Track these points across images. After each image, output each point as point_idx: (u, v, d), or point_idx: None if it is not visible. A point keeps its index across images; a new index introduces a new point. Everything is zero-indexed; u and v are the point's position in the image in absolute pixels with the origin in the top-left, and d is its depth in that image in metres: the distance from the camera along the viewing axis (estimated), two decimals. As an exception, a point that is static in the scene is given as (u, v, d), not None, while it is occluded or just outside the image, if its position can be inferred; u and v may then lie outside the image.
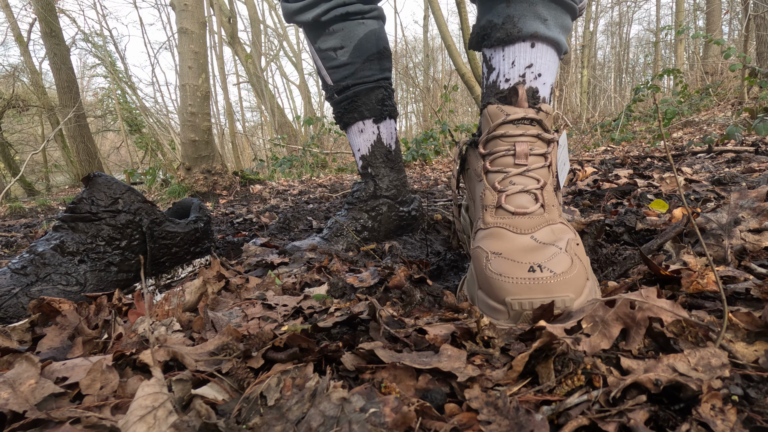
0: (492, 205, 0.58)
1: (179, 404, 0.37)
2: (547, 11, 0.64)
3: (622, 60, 14.46)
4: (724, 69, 6.72)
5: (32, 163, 11.40)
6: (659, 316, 0.41)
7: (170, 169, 4.71)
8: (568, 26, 0.68)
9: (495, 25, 0.66)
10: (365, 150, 1.08)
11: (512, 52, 0.65)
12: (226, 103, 7.19)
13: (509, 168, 0.58)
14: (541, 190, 0.57)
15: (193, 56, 3.50)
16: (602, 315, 0.43)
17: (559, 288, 0.47)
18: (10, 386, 0.37)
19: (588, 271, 0.52)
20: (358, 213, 1.08)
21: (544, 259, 0.50)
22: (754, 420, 0.31)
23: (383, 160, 1.09)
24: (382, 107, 1.06)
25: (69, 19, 10.41)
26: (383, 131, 1.07)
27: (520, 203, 0.56)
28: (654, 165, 2.16)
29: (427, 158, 5.00)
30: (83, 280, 0.69)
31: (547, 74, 0.67)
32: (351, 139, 1.09)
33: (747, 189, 0.76)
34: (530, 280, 0.48)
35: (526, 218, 0.55)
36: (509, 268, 0.50)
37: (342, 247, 1.03)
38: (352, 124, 1.06)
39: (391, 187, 1.09)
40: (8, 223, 2.95)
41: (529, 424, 0.31)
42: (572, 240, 0.54)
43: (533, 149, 0.58)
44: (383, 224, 1.09)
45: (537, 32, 0.63)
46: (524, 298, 0.47)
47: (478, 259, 0.54)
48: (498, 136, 0.59)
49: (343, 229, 1.05)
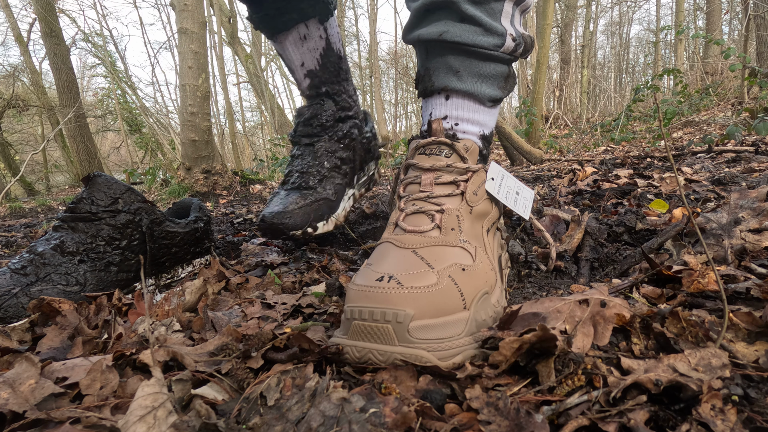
0: (392, 223, 0.57)
1: (179, 404, 0.37)
2: (459, 62, 0.63)
3: (622, 60, 14.47)
4: (724, 69, 6.72)
5: (32, 163, 11.40)
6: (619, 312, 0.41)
7: (170, 169, 4.71)
8: (488, 73, 0.65)
9: (420, 76, 0.69)
10: (312, 63, 0.83)
11: (430, 104, 0.68)
12: (226, 103, 7.19)
13: (415, 193, 0.59)
14: (440, 213, 0.55)
15: (193, 56, 3.50)
16: (580, 315, 0.44)
17: (398, 300, 0.42)
18: (10, 386, 0.37)
19: (470, 300, 0.46)
20: (329, 144, 0.85)
21: (403, 271, 0.46)
22: (754, 420, 0.31)
23: (337, 71, 0.85)
24: (326, 1, 0.81)
25: (69, 19, 10.41)
26: (332, 33, 0.84)
27: (415, 222, 0.56)
28: (654, 165, 2.17)
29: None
30: (83, 280, 0.69)
31: (466, 124, 0.66)
32: (288, 51, 0.84)
33: (747, 189, 0.76)
34: (371, 288, 0.44)
35: (416, 236, 0.53)
36: (365, 277, 0.47)
37: (330, 191, 0.82)
38: (289, 28, 0.80)
39: (353, 104, 0.89)
40: (8, 223, 2.95)
41: (528, 425, 0.31)
42: (457, 265, 0.49)
43: (439, 178, 0.58)
44: (357, 153, 0.89)
45: (447, 86, 0.64)
46: (356, 306, 0.43)
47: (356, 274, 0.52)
48: (411, 165, 0.61)
49: (323, 169, 0.83)
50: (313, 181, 0.83)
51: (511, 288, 0.72)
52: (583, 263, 0.76)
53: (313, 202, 0.82)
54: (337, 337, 0.44)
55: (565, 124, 8.13)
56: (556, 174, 2.37)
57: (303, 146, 0.86)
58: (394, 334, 0.41)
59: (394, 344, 0.41)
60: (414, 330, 0.41)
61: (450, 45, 0.62)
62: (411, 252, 0.51)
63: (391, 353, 0.41)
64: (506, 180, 0.64)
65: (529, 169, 3.16)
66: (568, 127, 7.87)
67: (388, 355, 0.41)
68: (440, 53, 0.64)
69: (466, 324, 0.44)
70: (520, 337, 0.39)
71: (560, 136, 6.93)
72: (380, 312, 0.41)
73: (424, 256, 0.50)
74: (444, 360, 0.41)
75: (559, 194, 1.48)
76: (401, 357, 0.40)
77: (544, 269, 0.75)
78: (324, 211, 0.84)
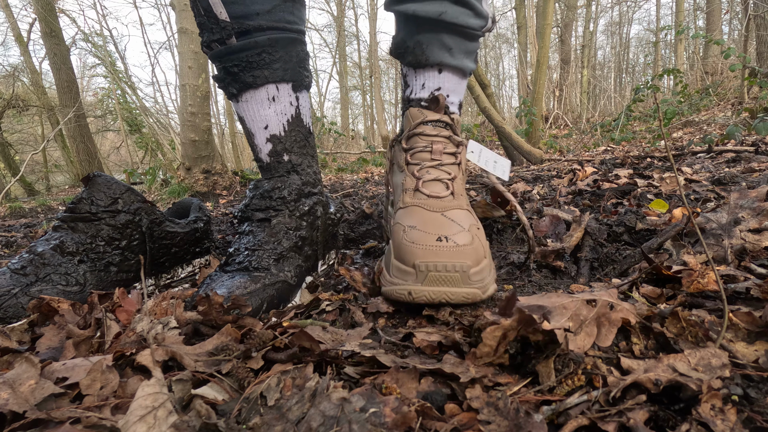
0: (411, 189, 0.67)
1: (179, 404, 0.37)
2: (452, 41, 0.72)
3: (622, 60, 14.47)
4: (724, 69, 6.72)
5: (32, 163, 11.40)
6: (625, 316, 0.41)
7: (170, 169, 4.71)
8: (472, 50, 0.76)
9: (408, 47, 0.73)
10: (277, 127, 0.74)
11: (422, 76, 0.75)
12: (226, 103, 7.19)
13: (426, 161, 0.68)
14: (452, 181, 0.67)
15: (193, 56, 3.50)
16: (585, 314, 0.44)
17: (459, 255, 0.56)
18: (10, 386, 0.37)
19: (486, 251, 0.61)
20: (290, 220, 0.73)
21: (450, 233, 0.59)
22: (754, 420, 0.31)
23: (304, 144, 0.76)
24: (303, 72, 0.75)
25: (69, 19, 10.40)
26: (303, 105, 0.77)
27: (434, 189, 0.67)
28: (654, 165, 2.16)
29: (427, 158, 4.99)
30: (83, 280, 0.69)
31: (453, 95, 0.77)
32: (251, 110, 0.74)
33: (747, 189, 0.76)
34: (437, 247, 0.57)
35: (438, 200, 0.65)
36: (421, 237, 0.58)
37: (289, 274, 0.70)
38: (258, 86, 0.72)
39: (317, 182, 0.80)
40: (8, 223, 2.95)
41: (527, 425, 0.31)
42: (474, 225, 0.63)
43: (446, 148, 0.69)
44: (321, 233, 0.79)
45: (443, 61, 0.73)
46: (430, 261, 0.55)
47: (397, 233, 0.62)
48: (417, 134, 0.70)
49: (280, 247, 0.71)
50: (267, 261, 0.68)
51: (512, 286, 0.72)
52: (582, 263, 0.76)
53: (267, 286, 0.65)
54: (409, 285, 0.56)
55: (565, 124, 8.13)
56: (556, 174, 2.37)
57: (255, 222, 0.72)
58: (460, 279, 0.54)
59: (460, 286, 0.55)
60: (471, 275, 0.55)
61: (446, 25, 0.69)
62: (440, 215, 0.63)
63: (458, 292, 0.54)
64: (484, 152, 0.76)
65: (529, 169, 3.16)
66: (568, 127, 7.87)
67: (457, 294, 0.54)
68: (434, 30, 0.70)
69: (490, 268, 0.60)
70: (500, 325, 0.39)
71: (560, 136, 6.93)
72: (451, 264, 0.54)
73: (453, 218, 0.63)
74: (485, 293, 0.56)
75: (559, 194, 1.48)
76: (465, 295, 0.54)
77: (534, 266, 0.75)
78: (282, 295, 0.68)
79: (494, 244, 1.00)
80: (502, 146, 3.87)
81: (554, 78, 9.96)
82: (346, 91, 13.08)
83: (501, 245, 0.98)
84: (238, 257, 0.69)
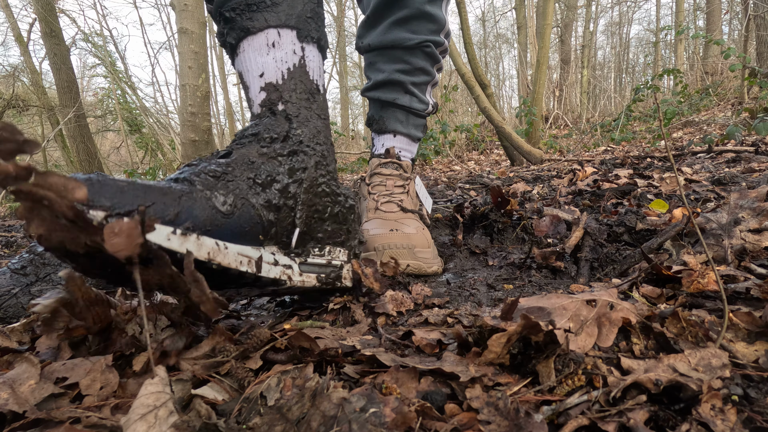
0: (372, 209, 0.93)
1: (179, 404, 0.37)
2: (404, 116, 1.04)
3: (622, 60, 14.47)
4: (724, 69, 6.72)
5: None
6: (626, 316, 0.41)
7: (170, 170, 4.71)
8: (419, 123, 1.06)
9: (375, 119, 1.05)
10: (275, 75, 0.62)
11: (382, 139, 1.05)
12: (226, 103, 7.19)
13: (383, 192, 0.96)
14: (401, 203, 0.93)
15: (193, 56, 3.50)
16: (586, 315, 0.43)
17: (407, 239, 0.83)
18: (10, 386, 0.37)
19: (430, 243, 0.86)
20: (257, 156, 0.55)
21: (400, 227, 0.86)
22: (754, 420, 0.31)
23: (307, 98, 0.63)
24: (312, 23, 0.66)
25: (69, 19, 10.39)
26: (310, 57, 0.65)
27: (389, 208, 0.92)
28: (654, 165, 2.16)
29: (427, 158, 5.00)
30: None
31: (405, 152, 1.05)
32: (248, 60, 0.64)
33: (747, 189, 0.76)
34: (390, 233, 0.84)
35: (392, 214, 0.91)
36: (379, 230, 0.85)
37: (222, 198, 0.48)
38: (256, 31, 0.62)
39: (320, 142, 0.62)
40: (8, 223, 2.95)
41: (527, 426, 0.31)
42: (419, 227, 0.88)
43: (396, 183, 0.97)
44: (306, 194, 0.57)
45: (396, 129, 1.03)
46: (385, 242, 0.82)
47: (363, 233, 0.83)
48: (376, 173, 0.99)
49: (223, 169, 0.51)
50: (198, 177, 0.48)
51: (513, 286, 0.72)
52: (582, 263, 0.76)
53: (173, 189, 0.44)
54: (368, 257, 0.80)
55: (565, 124, 8.13)
56: (556, 174, 2.37)
57: (213, 158, 0.54)
58: (408, 254, 0.80)
59: (407, 259, 0.80)
60: (417, 252, 0.81)
61: (399, 106, 1.02)
62: (394, 221, 0.88)
63: (406, 261, 0.79)
64: (421, 188, 1.05)
65: (529, 169, 3.16)
66: (568, 127, 7.87)
67: (404, 263, 0.79)
68: (392, 108, 1.03)
69: (434, 255, 0.86)
70: (506, 331, 0.39)
71: (560, 136, 6.93)
72: (401, 243, 0.81)
73: (403, 221, 0.89)
74: (430, 269, 0.81)
75: (559, 194, 1.48)
76: (411, 264, 0.79)
77: (534, 265, 0.75)
78: (187, 211, 0.44)
79: (494, 244, 1.00)
80: (502, 146, 3.87)
81: (554, 78, 9.96)
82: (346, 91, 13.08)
83: (501, 245, 0.98)
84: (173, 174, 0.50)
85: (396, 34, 0.96)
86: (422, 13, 0.94)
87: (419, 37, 0.96)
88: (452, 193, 1.99)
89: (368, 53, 1.03)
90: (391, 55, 0.99)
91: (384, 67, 1.00)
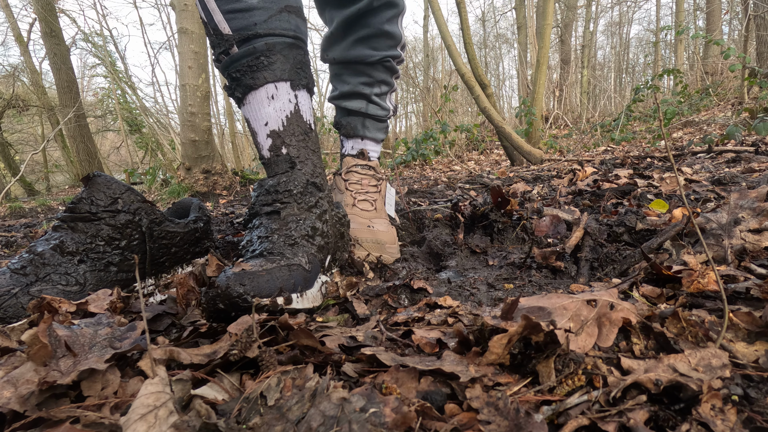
0: (350, 205, 1.07)
1: (179, 404, 0.37)
2: (369, 123, 1.18)
3: (622, 60, 14.47)
4: (724, 69, 6.72)
5: (32, 163, 11.40)
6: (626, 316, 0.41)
7: (170, 169, 4.71)
8: (382, 127, 1.21)
9: (342, 125, 1.18)
10: (276, 123, 0.79)
11: (351, 142, 1.20)
12: (226, 103, 7.18)
13: (359, 190, 1.10)
14: (375, 201, 1.09)
15: (193, 56, 3.50)
16: (586, 315, 0.43)
17: (379, 235, 0.99)
18: (12, 386, 0.37)
19: (395, 239, 1.03)
20: (299, 211, 0.73)
21: (374, 225, 1.02)
22: (754, 420, 0.31)
23: (303, 138, 0.79)
24: (302, 72, 0.81)
25: (69, 19, 10.40)
26: (302, 102, 0.81)
27: (364, 206, 1.08)
28: (654, 165, 2.16)
29: (427, 158, 5.00)
30: (83, 280, 0.69)
31: (372, 152, 1.21)
32: (253, 110, 0.80)
33: (747, 189, 0.76)
34: (367, 229, 0.99)
35: (366, 212, 1.06)
36: (358, 225, 1.01)
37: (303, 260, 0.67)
38: (257, 87, 0.78)
39: (318, 175, 0.80)
40: (8, 223, 2.95)
41: (527, 426, 0.31)
42: (389, 225, 1.05)
43: (370, 182, 1.12)
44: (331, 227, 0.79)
45: (364, 135, 1.18)
46: (363, 236, 0.97)
47: None
48: (353, 171, 1.12)
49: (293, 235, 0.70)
50: (280, 247, 0.67)
51: (513, 286, 0.72)
52: (582, 263, 0.76)
53: (282, 267, 0.63)
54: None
55: (565, 124, 8.13)
56: (556, 174, 2.37)
57: (264, 216, 0.72)
58: (378, 248, 0.96)
59: (378, 252, 0.95)
60: (386, 248, 0.97)
61: (363, 113, 1.16)
62: (368, 219, 1.04)
63: (377, 254, 0.94)
64: (390, 197, 1.20)
65: (529, 169, 3.16)
66: (568, 127, 7.87)
67: (377, 255, 0.93)
68: (358, 116, 1.16)
69: (397, 247, 1.02)
70: (507, 331, 0.39)
71: (560, 136, 6.93)
72: (375, 239, 0.97)
73: (376, 219, 1.05)
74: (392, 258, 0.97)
75: (559, 194, 1.48)
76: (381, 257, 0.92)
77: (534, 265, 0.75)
78: (298, 280, 0.64)
79: (494, 244, 1.00)
80: (502, 146, 3.87)
81: (554, 78, 9.96)
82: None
83: (501, 245, 0.98)
84: (252, 246, 0.69)
85: (359, 51, 1.08)
86: (382, 32, 1.05)
87: (380, 53, 1.08)
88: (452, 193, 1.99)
89: (333, 65, 1.15)
90: (355, 68, 1.12)
91: (349, 80, 1.13)
